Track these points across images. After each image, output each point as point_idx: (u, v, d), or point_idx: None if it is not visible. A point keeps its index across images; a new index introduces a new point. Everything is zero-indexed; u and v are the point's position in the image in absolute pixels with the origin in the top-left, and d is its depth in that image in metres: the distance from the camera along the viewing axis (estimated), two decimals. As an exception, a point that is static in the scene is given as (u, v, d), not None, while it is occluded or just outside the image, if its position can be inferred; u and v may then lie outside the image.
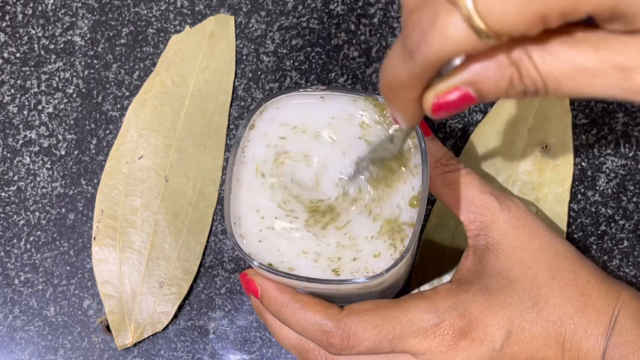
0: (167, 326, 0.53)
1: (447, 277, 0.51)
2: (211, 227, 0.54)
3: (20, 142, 0.56)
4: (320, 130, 0.43)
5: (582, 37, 0.28)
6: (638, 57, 0.27)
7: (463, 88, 0.30)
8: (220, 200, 0.54)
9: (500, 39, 0.27)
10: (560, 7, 0.25)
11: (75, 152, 0.55)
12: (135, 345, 0.53)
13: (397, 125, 0.39)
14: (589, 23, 0.28)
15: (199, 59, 0.55)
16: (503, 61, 0.28)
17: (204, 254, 0.53)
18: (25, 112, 0.56)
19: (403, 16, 0.30)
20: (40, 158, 0.55)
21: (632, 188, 0.51)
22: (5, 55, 0.57)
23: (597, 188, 0.52)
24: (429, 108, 0.31)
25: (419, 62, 0.28)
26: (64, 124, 0.56)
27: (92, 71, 0.56)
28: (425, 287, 0.51)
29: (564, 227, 0.51)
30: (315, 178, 0.42)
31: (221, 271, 0.53)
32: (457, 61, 0.29)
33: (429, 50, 0.28)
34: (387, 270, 0.40)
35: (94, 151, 0.55)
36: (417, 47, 0.28)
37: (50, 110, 0.56)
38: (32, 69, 0.56)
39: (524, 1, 0.25)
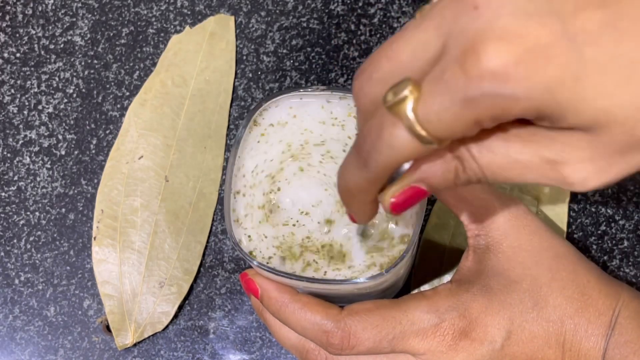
0: (167, 326, 0.53)
1: (447, 277, 0.51)
2: (211, 227, 0.54)
3: (20, 142, 0.56)
4: (320, 130, 0.43)
5: (515, 132, 0.30)
6: (564, 151, 0.29)
7: (415, 186, 0.33)
8: (220, 200, 0.54)
9: (442, 143, 0.29)
10: (491, 112, 0.28)
11: (75, 152, 0.55)
12: (135, 345, 0.53)
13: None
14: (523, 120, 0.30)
15: (199, 59, 0.55)
16: (447, 157, 0.31)
17: (204, 254, 0.53)
18: (25, 112, 0.56)
19: (358, 120, 0.33)
20: (40, 158, 0.55)
21: (632, 188, 0.51)
22: (5, 55, 0.57)
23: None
24: (387, 208, 0.34)
25: (371, 170, 0.31)
26: (64, 124, 0.56)
27: (92, 71, 0.56)
28: (425, 287, 0.51)
29: (564, 227, 0.51)
30: (316, 175, 0.42)
31: (221, 271, 0.53)
32: (406, 165, 0.32)
33: (379, 159, 0.30)
34: (387, 270, 0.40)
35: (94, 151, 0.55)
36: (368, 157, 0.31)
37: (50, 110, 0.56)
38: (32, 69, 0.56)
39: (458, 109, 0.28)
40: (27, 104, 0.56)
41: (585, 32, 0.27)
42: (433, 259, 0.52)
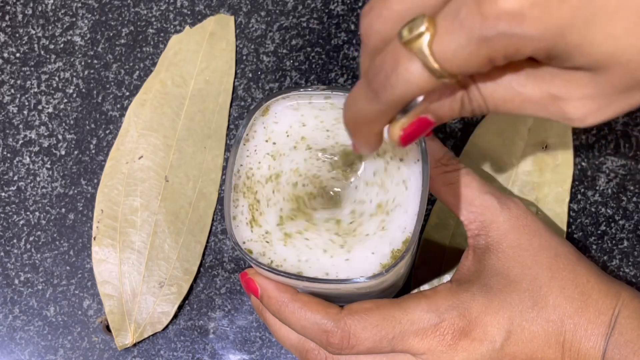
0: (167, 326, 0.53)
1: (447, 277, 0.51)
2: (211, 227, 0.54)
3: (20, 142, 0.56)
4: (319, 130, 0.43)
5: (519, 66, 0.32)
6: (566, 87, 0.31)
7: (423, 116, 0.34)
8: (220, 200, 0.54)
9: (455, 77, 0.30)
10: (505, 51, 0.29)
11: (75, 152, 0.55)
12: (135, 345, 0.53)
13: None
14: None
15: (199, 59, 0.55)
16: (455, 88, 0.32)
17: (204, 254, 0.53)
18: (25, 112, 0.56)
19: (362, 56, 0.34)
20: (40, 158, 0.55)
21: (632, 188, 0.51)
22: (5, 55, 0.57)
23: (597, 188, 0.52)
24: (396, 140, 0.35)
25: (385, 102, 0.32)
26: (64, 124, 0.56)
27: (92, 71, 0.56)
28: (425, 287, 0.51)
29: (564, 227, 0.51)
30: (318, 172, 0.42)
31: (221, 271, 0.53)
32: (420, 99, 0.33)
33: (393, 92, 0.31)
34: (387, 270, 0.40)
35: (94, 151, 0.55)
36: (382, 89, 0.31)
37: (50, 110, 0.56)
38: (32, 69, 0.56)
39: (474, 47, 0.29)
40: (27, 104, 0.56)
41: None
42: (433, 259, 0.52)
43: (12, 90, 0.56)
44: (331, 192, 0.42)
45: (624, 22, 0.28)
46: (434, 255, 0.52)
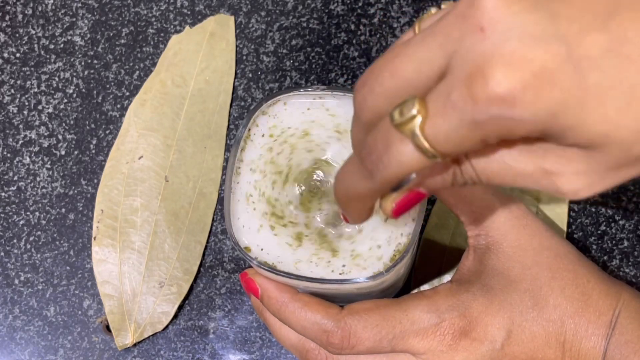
0: (167, 326, 0.53)
1: (447, 277, 0.51)
2: (211, 227, 0.54)
3: (20, 142, 0.56)
4: (320, 130, 0.43)
5: (513, 142, 0.31)
6: (559, 163, 0.31)
7: (415, 190, 0.34)
8: (220, 200, 0.54)
9: (448, 157, 0.30)
10: (497, 133, 0.29)
11: (75, 152, 0.55)
12: (135, 345, 0.52)
13: None
14: None
15: (199, 59, 0.55)
16: (448, 164, 0.32)
17: (204, 254, 0.53)
18: (25, 112, 0.56)
19: (355, 128, 0.34)
20: (40, 158, 0.55)
21: (632, 188, 0.51)
22: (5, 55, 0.57)
23: (597, 188, 0.52)
24: (388, 213, 0.35)
25: (377, 182, 0.32)
26: (64, 124, 0.56)
27: (92, 71, 0.56)
28: (425, 287, 0.51)
29: (564, 227, 0.51)
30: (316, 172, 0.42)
31: (221, 271, 0.53)
32: (412, 176, 0.33)
33: (386, 172, 0.31)
34: (387, 270, 0.40)
35: (94, 151, 0.55)
36: (375, 169, 0.32)
37: (50, 110, 0.56)
38: (32, 69, 0.56)
39: (466, 130, 0.29)
40: (27, 104, 0.56)
41: (589, 57, 0.27)
42: (433, 259, 0.52)
43: (12, 90, 0.56)
44: (331, 192, 0.42)
45: (616, 102, 0.28)
46: (434, 255, 0.52)
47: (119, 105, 0.55)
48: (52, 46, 0.57)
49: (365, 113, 0.32)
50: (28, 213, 0.55)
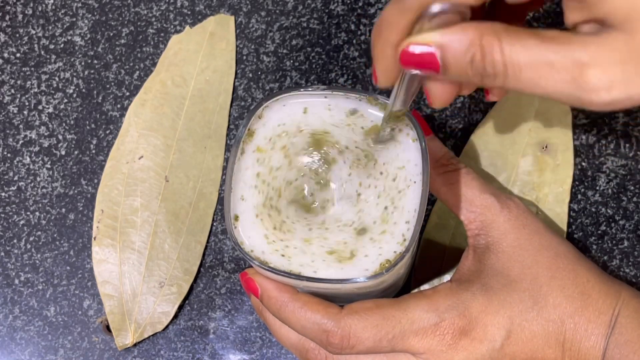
0: (167, 326, 0.53)
1: (447, 277, 0.51)
2: (211, 227, 0.54)
3: (20, 142, 0.56)
4: (320, 130, 0.43)
5: (550, 34, 0.30)
6: (596, 52, 0.29)
7: (432, 47, 0.33)
8: (220, 200, 0.54)
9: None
10: None
11: (75, 152, 0.55)
12: (135, 345, 0.53)
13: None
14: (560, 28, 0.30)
15: (199, 59, 0.55)
16: (472, 38, 0.31)
17: (204, 254, 0.53)
18: (25, 112, 0.56)
19: None
20: (40, 158, 0.55)
21: (632, 188, 0.51)
22: (5, 55, 0.57)
23: (597, 188, 0.52)
24: (399, 53, 0.34)
25: (405, 2, 0.32)
26: (64, 124, 0.56)
27: (92, 71, 0.56)
28: (425, 287, 0.51)
29: (564, 227, 0.51)
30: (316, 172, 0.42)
31: (221, 271, 0.53)
32: (435, 8, 0.32)
33: None
34: (387, 270, 0.40)
35: (94, 151, 0.55)
36: None
37: (51, 110, 0.56)
38: (32, 69, 0.56)
39: None
40: (27, 104, 0.56)
41: None
42: (433, 259, 0.52)
43: (13, 91, 0.56)
44: (332, 192, 0.42)
45: None
46: (434, 255, 0.52)
47: (119, 105, 0.55)
48: (52, 46, 0.57)
49: None
50: (28, 213, 0.55)
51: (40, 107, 0.56)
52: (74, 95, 0.56)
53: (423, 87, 0.37)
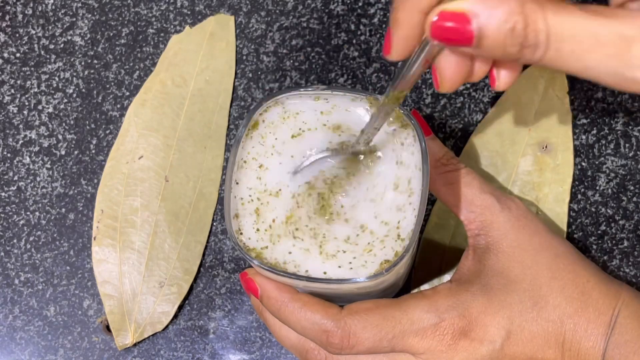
0: (167, 326, 0.53)
1: (447, 277, 0.51)
2: (211, 227, 0.54)
3: (20, 142, 0.56)
4: (319, 130, 0.43)
5: (595, 8, 0.29)
6: (637, 26, 0.28)
7: (467, 17, 0.30)
8: (220, 200, 0.54)
9: None
10: None
11: (75, 152, 0.55)
12: (135, 345, 0.53)
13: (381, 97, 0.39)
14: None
15: (199, 59, 0.55)
16: (513, 7, 0.29)
17: (204, 254, 0.53)
18: (25, 112, 0.56)
19: None
20: (40, 158, 0.55)
21: (632, 188, 0.51)
22: (5, 55, 0.57)
23: (597, 188, 0.52)
24: (429, 24, 0.31)
25: None
26: (64, 124, 0.56)
27: (92, 71, 0.56)
28: (425, 287, 0.51)
29: (564, 227, 0.51)
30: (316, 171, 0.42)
31: (221, 271, 0.53)
32: None
33: None
34: (387, 270, 0.40)
35: (94, 151, 0.55)
36: None
37: (50, 110, 0.56)
38: (32, 69, 0.56)
39: None
40: (27, 104, 0.56)
41: None
42: (433, 259, 0.52)
43: (12, 90, 0.56)
44: (331, 192, 0.42)
45: None
46: (434, 255, 0.52)
47: (119, 105, 0.55)
48: (52, 46, 0.57)
49: None
50: (28, 213, 0.55)
51: (40, 107, 0.56)
52: (74, 95, 0.56)
53: (431, 68, 0.35)
